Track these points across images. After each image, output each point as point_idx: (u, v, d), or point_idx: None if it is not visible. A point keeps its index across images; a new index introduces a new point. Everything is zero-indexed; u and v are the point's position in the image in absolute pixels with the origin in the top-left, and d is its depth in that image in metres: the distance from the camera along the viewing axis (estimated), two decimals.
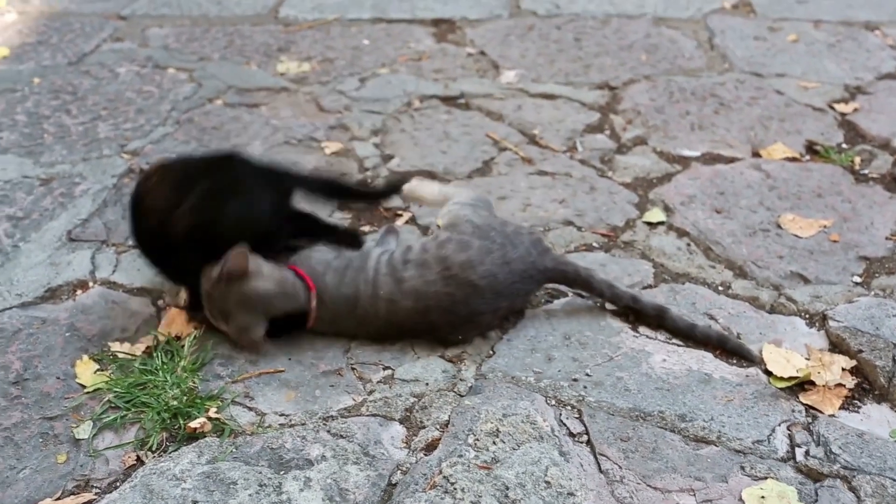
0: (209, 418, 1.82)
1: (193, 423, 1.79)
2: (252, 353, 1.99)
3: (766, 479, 1.68)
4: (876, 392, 1.92)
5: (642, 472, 1.70)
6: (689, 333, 2.05)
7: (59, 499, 1.65)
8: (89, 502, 1.64)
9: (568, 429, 1.80)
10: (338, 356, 2.01)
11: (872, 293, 2.20)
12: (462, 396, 1.88)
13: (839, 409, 1.86)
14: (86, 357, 2.00)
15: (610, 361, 1.98)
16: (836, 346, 2.04)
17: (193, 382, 1.91)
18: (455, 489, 1.62)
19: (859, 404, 1.88)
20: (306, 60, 3.59)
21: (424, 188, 2.35)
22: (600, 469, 1.70)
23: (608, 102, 3.23)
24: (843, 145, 2.92)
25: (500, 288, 1.99)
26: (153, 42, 3.80)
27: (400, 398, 1.88)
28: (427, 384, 1.92)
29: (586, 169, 2.79)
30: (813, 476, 1.69)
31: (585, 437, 1.78)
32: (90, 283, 2.26)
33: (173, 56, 3.65)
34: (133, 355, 2.00)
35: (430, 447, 1.75)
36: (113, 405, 1.87)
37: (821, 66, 3.48)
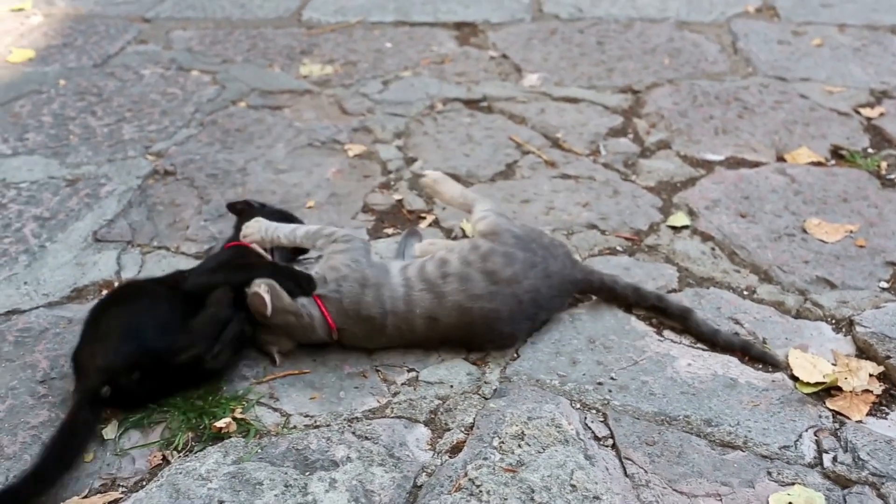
0: (234, 419, 1.83)
1: (219, 424, 1.80)
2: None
3: (793, 484, 1.66)
4: None
5: (668, 476, 1.69)
6: (711, 338, 2.04)
7: (85, 497, 1.66)
8: (116, 501, 1.65)
9: (593, 432, 1.79)
10: (362, 358, 2.01)
11: None
12: (487, 399, 1.87)
13: (867, 415, 1.85)
14: None
15: (635, 365, 1.97)
16: (864, 352, 2.02)
17: (218, 383, 1.92)
18: (481, 492, 1.62)
19: (887, 410, 1.87)
20: (329, 63, 3.60)
21: (446, 186, 2.28)
22: (626, 473, 1.70)
23: (631, 106, 3.22)
24: (869, 150, 2.90)
25: (541, 302, 2.01)
26: (177, 44, 3.82)
27: (424, 400, 1.88)
28: (451, 387, 1.92)
29: (610, 172, 2.78)
30: (841, 482, 1.68)
31: (611, 441, 1.77)
32: (116, 284, 2.28)
33: (197, 58, 3.67)
34: None
35: (455, 450, 1.75)
36: None
37: (846, 71, 3.46)
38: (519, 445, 1.73)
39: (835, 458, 1.73)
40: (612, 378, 1.94)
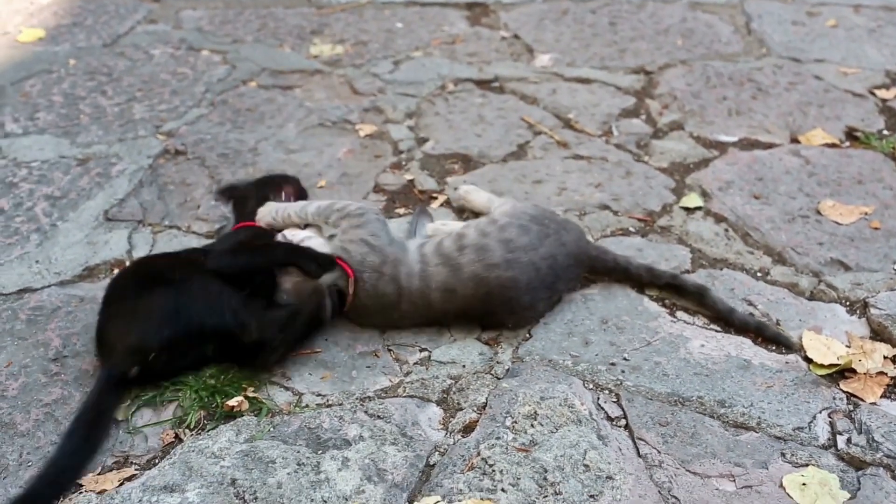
0: (246, 397, 1.83)
1: (231, 402, 1.80)
2: None
3: (807, 466, 1.66)
4: None
5: (681, 457, 1.68)
6: (727, 317, 2.04)
7: (100, 474, 1.67)
8: (130, 478, 1.65)
9: (606, 413, 1.79)
10: (374, 338, 2.01)
11: None
12: (499, 379, 1.87)
13: (881, 397, 1.84)
14: None
15: (648, 346, 1.97)
16: (878, 334, 2.01)
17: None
18: (493, 471, 1.62)
19: None
20: (340, 43, 3.58)
21: (476, 195, 2.38)
22: (639, 453, 1.69)
23: (644, 87, 3.20)
24: (885, 131, 2.87)
25: (559, 270, 2.00)
26: (187, 24, 3.80)
27: (437, 380, 1.88)
28: (464, 366, 1.91)
29: (622, 153, 2.77)
30: (855, 464, 1.67)
31: (623, 422, 1.77)
32: (127, 263, 2.27)
33: (207, 38, 3.65)
34: None
35: (468, 429, 1.75)
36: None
37: (861, 52, 3.43)
38: (532, 425, 1.73)
39: (849, 440, 1.72)
40: (624, 359, 1.93)
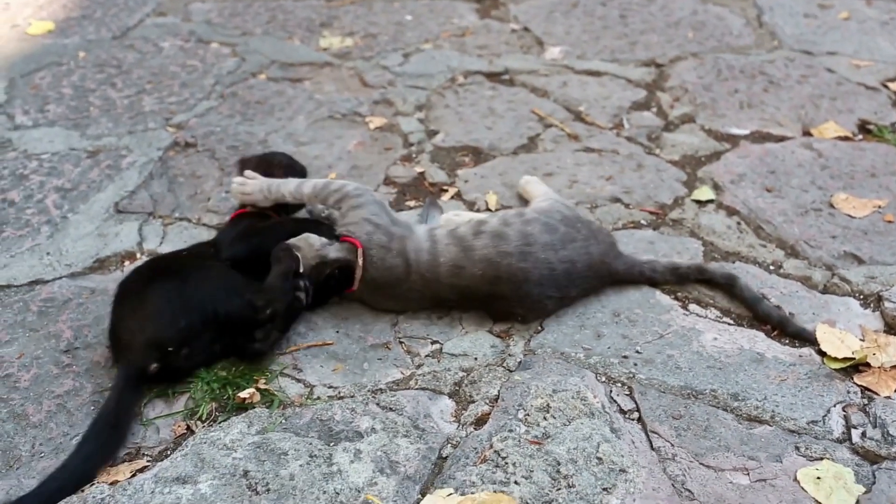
0: (258, 389, 1.82)
1: (242, 394, 1.80)
2: None
3: (821, 459, 1.65)
4: None
5: (695, 450, 1.67)
6: (753, 306, 2.03)
7: (112, 465, 1.67)
8: (142, 469, 1.65)
9: (619, 405, 1.78)
10: (385, 330, 2.00)
11: None
12: (511, 371, 1.86)
13: (895, 391, 1.83)
14: None
15: (660, 339, 1.96)
16: (892, 328, 2.00)
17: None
18: (506, 464, 1.61)
19: None
20: (349, 35, 3.57)
21: (535, 186, 2.40)
22: (652, 446, 1.68)
23: (655, 80, 3.19)
24: None
25: (575, 277, 1.99)
26: (196, 16, 3.80)
27: (449, 372, 1.87)
28: (476, 359, 1.91)
29: (633, 146, 2.75)
30: (870, 458, 1.66)
31: (636, 415, 1.76)
32: (138, 255, 2.27)
33: (216, 31, 3.65)
34: None
35: (480, 422, 1.74)
36: None
37: (873, 44, 3.40)
38: (544, 418, 1.72)
39: (863, 434, 1.71)
40: (637, 351, 1.92)
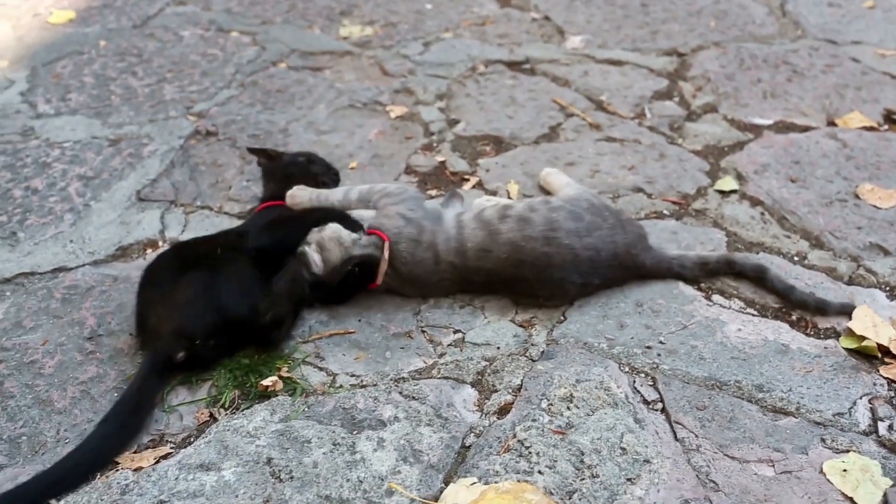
0: (281, 377, 1.82)
1: (265, 382, 1.80)
2: None
3: (847, 452, 1.63)
4: None
5: (719, 441, 1.66)
6: (786, 295, 2.01)
7: (136, 452, 1.67)
8: (166, 456, 1.66)
9: (642, 396, 1.77)
10: (408, 318, 2.00)
11: None
12: (534, 361, 1.86)
13: None
14: None
15: (684, 329, 1.94)
16: None
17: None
18: (530, 453, 1.61)
19: None
20: (369, 24, 3.57)
21: (556, 177, 2.38)
22: (676, 437, 1.67)
23: (677, 69, 3.16)
24: None
25: (598, 266, 1.98)
26: (215, 5, 3.80)
27: (471, 361, 1.87)
28: (498, 348, 1.90)
29: (655, 136, 2.73)
30: None
31: (660, 405, 1.75)
32: (160, 243, 2.28)
33: (236, 19, 3.65)
34: None
35: (503, 411, 1.74)
36: None
37: None
38: (568, 408, 1.72)
39: (890, 426, 1.70)
40: (660, 342, 1.91)
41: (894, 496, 1.55)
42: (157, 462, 1.64)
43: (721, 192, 2.44)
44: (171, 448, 1.69)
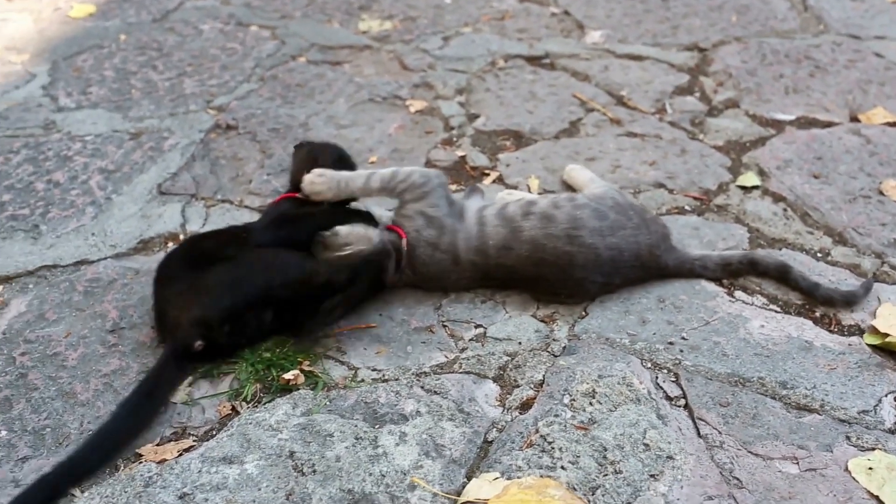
0: (302, 371, 1.83)
1: (287, 375, 1.80)
2: None
3: (873, 450, 1.62)
4: None
5: (742, 438, 1.65)
6: (811, 293, 2.00)
7: (159, 444, 1.68)
8: (188, 449, 1.66)
9: (665, 392, 1.76)
10: (429, 313, 2.00)
11: None
12: (556, 356, 1.85)
13: None
14: None
15: (706, 325, 1.93)
16: None
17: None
18: (553, 448, 1.61)
19: None
20: (388, 19, 3.56)
21: (580, 173, 2.38)
22: (699, 434, 1.67)
23: (698, 64, 3.14)
24: None
25: (620, 266, 1.97)
26: None
27: (493, 356, 1.86)
28: (520, 343, 1.90)
29: (676, 131, 2.72)
30: None
31: (683, 401, 1.74)
32: (181, 236, 2.28)
33: (255, 13, 3.65)
34: None
35: (525, 406, 1.73)
36: None
37: None
38: (590, 403, 1.71)
39: None
40: (683, 338, 1.90)
41: None
42: (180, 455, 1.64)
43: (743, 188, 2.43)
44: (194, 441, 1.69)
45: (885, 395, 1.74)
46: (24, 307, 2.04)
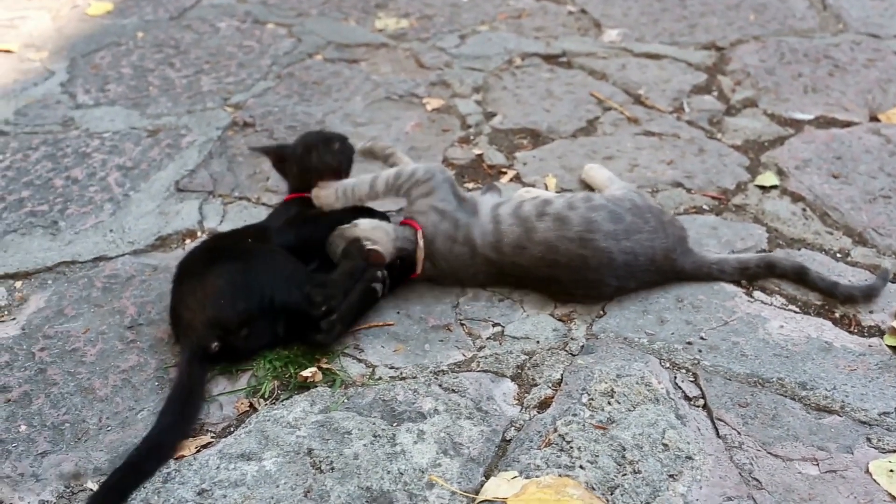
0: (320, 368, 1.83)
1: (305, 373, 1.80)
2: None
3: (894, 452, 1.61)
4: None
5: (762, 438, 1.64)
6: (831, 292, 1.99)
7: None
8: (206, 445, 1.66)
9: (683, 392, 1.75)
10: (447, 311, 1.99)
11: None
12: (574, 356, 1.85)
13: None
14: None
15: (725, 326, 1.92)
16: None
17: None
18: (571, 448, 1.60)
19: None
20: (405, 17, 3.56)
21: (598, 172, 2.38)
22: (718, 434, 1.66)
23: (715, 63, 3.13)
24: None
25: (635, 269, 1.96)
26: None
27: (511, 355, 1.86)
28: (538, 342, 1.89)
29: (694, 130, 2.71)
30: None
31: (702, 402, 1.73)
32: (199, 233, 2.29)
33: (272, 11, 3.66)
34: None
35: (544, 405, 1.73)
36: None
37: None
38: (609, 403, 1.71)
39: None
40: (701, 338, 1.89)
41: None
42: (199, 451, 1.65)
43: (762, 188, 2.42)
44: (212, 437, 1.70)
45: None
46: (42, 303, 2.04)
